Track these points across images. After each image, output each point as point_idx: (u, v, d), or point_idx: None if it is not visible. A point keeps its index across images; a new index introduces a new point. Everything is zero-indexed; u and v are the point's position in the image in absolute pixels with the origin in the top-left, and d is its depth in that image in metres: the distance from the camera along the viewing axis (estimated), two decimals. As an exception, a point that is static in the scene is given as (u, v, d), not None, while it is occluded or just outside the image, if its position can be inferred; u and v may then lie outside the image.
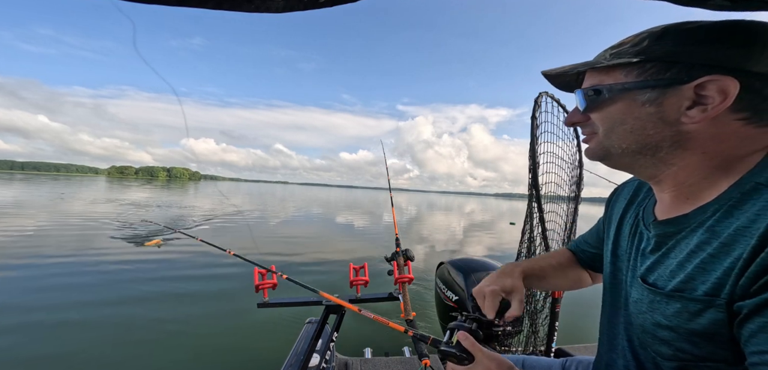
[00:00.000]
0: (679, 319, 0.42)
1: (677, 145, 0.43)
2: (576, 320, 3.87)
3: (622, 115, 0.45)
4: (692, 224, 0.45)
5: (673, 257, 0.46)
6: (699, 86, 0.39)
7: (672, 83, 0.41)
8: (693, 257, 0.42)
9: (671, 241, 0.47)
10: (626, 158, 0.48)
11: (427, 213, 26.37)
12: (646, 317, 0.47)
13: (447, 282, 2.30)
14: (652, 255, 0.50)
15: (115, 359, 2.88)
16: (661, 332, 0.45)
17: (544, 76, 0.56)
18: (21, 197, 18.06)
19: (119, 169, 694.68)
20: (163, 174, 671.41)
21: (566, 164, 1.71)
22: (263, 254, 7.42)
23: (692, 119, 0.40)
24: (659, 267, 0.47)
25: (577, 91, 0.50)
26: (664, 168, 0.46)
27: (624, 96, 0.44)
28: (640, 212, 0.58)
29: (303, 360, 1.27)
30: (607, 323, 0.62)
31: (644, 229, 0.55)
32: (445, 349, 0.59)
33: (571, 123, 0.55)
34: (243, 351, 3.10)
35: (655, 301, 0.46)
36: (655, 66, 0.42)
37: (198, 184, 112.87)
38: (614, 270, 0.61)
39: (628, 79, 0.44)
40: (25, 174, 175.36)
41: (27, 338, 3.17)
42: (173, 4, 0.33)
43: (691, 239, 0.44)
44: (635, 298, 0.50)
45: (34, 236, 7.87)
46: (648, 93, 0.42)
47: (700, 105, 0.40)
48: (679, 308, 0.42)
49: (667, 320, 0.44)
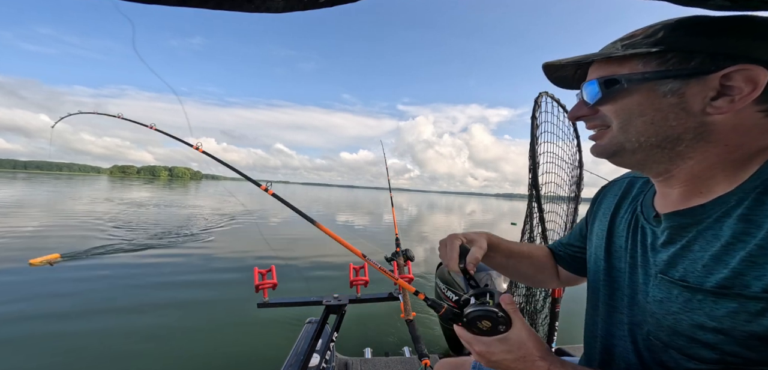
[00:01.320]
0: (734, 320, 0.38)
1: (700, 137, 0.41)
2: (576, 320, 3.86)
3: (641, 107, 0.43)
4: (712, 214, 0.43)
5: (700, 249, 0.43)
6: (725, 76, 0.38)
7: (696, 73, 0.39)
8: (733, 250, 0.39)
9: (689, 232, 0.44)
10: (641, 153, 0.46)
11: (428, 213, 26.37)
12: (680, 318, 0.43)
13: (447, 282, 2.30)
14: (665, 249, 0.47)
15: (115, 360, 2.89)
16: (704, 334, 0.41)
17: (545, 68, 0.54)
18: (30, 196, 18.14)
19: (121, 168, 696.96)
20: (164, 173, 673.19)
21: (566, 164, 1.70)
22: (264, 254, 7.44)
23: (719, 109, 0.39)
24: (683, 261, 0.44)
25: (587, 84, 0.48)
26: (680, 162, 0.44)
27: (643, 86, 0.43)
28: (638, 206, 0.56)
29: (303, 360, 1.28)
30: (602, 324, 0.58)
31: (647, 223, 0.52)
32: (480, 309, 0.52)
33: (575, 117, 0.52)
34: (243, 351, 3.10)
35: (694, 299, 0.42)
36: (676, 56, 0.40)
37: (199, 183, 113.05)
38: (608, 268, 0.58)
39: (647, 69, 0.42)
40: (27, 173, 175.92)
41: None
42: (173, 4, 0.33)
43: (718, 229, 0.41)
44: (659, 296, 0.46)
45: (33, 235, 7.91)
46: (670, 83, 0.41)
47: (726, 95, 0.39)
48: (736, 308, 0.38)
49: (715, 321, 0.40)
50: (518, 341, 0.50)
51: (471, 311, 0.53)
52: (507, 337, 0.51)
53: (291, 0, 0.33)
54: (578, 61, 0.49)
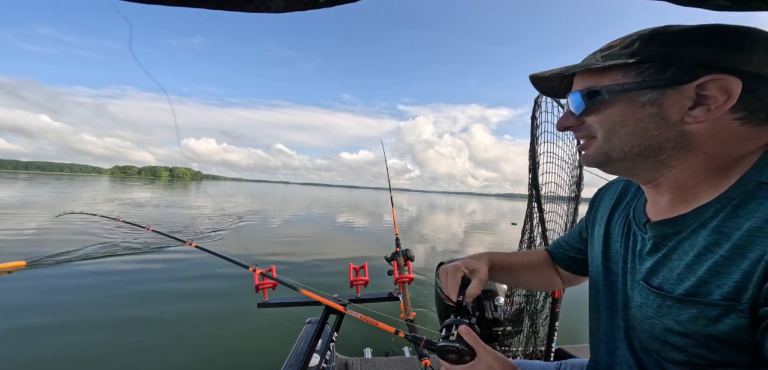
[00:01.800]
0: (695, 324, 0.41)
1: (680, 146, 0.42)
2: (576, 319, 3.86)
3: (622, 117, 0.44)
4: (691, 224, 0.44)
5: (677, 259, 0.44)
6: (700, 86, 0.39)
7: (672, 83, 0.41)
8: (702, 259, 0.41)
9: (670, 242, 0.46)
10: (627, 162, 0.47)
11: (429, 213, 26.37)
12: (655, 323, 0.46)
13: (447, 282, 2.30)
14: (650, 257, 0.49)
15: (115, 361, 2.89)
16: (673, 338, 0.44)
17: (532, 79, 0.55)
18: (34, 196, 18.18)
19: (122, 168, 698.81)
20: (165, 174, 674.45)
21: (566, 164, 1.70)
22: (264, 254, 7.44)
23: (696, 119, 0.40)
24: (662, 270, 0.46)
25: (571, 94, 0.49)
26: (665, 170, 0.46)
27: (623, 97, 0.44)
28: (631, 212, 0.57)
29: (303, 360, 1.28)
30: (604, 327, 0.60)
31: (637, 230, 0.54)
32: (445, 345, 0.57)
33: (563, 127, 0.53)
34: (243, 351, 3.11)
35: (665, 305, 0.44)
36: (652, 66, 0.41)
37: (200, 184, 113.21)
38: (606, 272, 0.60)
39: (626, 80, 0.43)
40: (28, 174, 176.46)
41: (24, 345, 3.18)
42: (173, 4, 0.33)
43: (694, 239, 0.43)
44: (639, 302, 0.49)
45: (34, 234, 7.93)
46: (648, 93, 0.42)
47: (703, 105, 0.40)
48: (695, 314, 0.41)
49: (680, 325, 0.42)
50: (485, 366, 0.54)
51: (440, 346, 0.58)
52: (473, 365, 0.55)
53: (291, 0, 0.33)
54: (561, 72, 0.50)
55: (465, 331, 0.57)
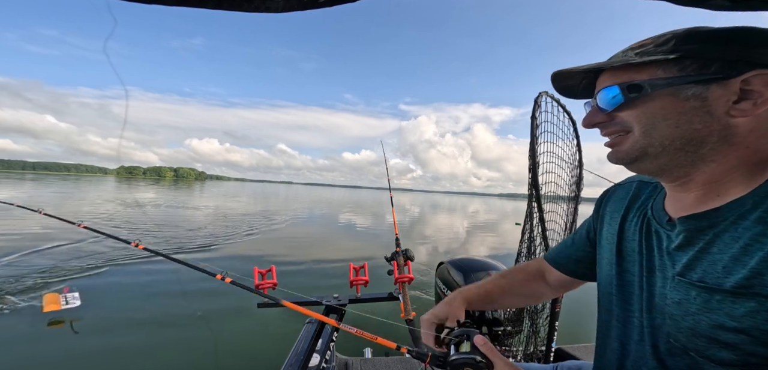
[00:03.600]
0: (755, 319, 0.39)
1: (723, 139, 0.43)
2: (576, 320, 3.83)
3: (665, 111, 0.44)
4: (729, 217, 0.44)
5: (718, 252, 0.43)
6: (745, 81, 0.40)
7: (717, 78, 0.41)
8: (752, 251, 0.40)
9: (706, 235, 0.45)
10: (664, 157, 0.46)
11: (430, 213, 26.32)
12: (700, 319, 0.44)
13: (447, 282, 2.30)
14: (682, 252, 0.48)
15: (114, 361, 2.91)
16: (724, 334, 0.41)
17: (554, 77, 0.54)
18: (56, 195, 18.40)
19: (128, 169, 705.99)
20: (169, 174, 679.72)
21: (566, 164, 1.70)
22: (264, 254, 7.48)
23: (743, 112, 0.41)
24: (701, 264, 0.45)
25: (604, 89, 0.48)
26: (702, 165, 0.45)
27: (666, 91, 0.44)
28: (649, 210, 0.56)
29: (303, 360, 1.28)
30: (617, 329, 0.58)
31: (660, 227, 0.53)
32: (460, 357, 0.54)
33: (591, 124, 0.53)
34: (243, 351, 3.13)
35: (713, 300, 0.43)
36: (694, 62, 0.42)
37: (204, 184, 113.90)
38: (620, 272, 0.58)
39: (668, 75, 0.43)
40: (36, 174, 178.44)
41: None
42: (173, 3, 0.33)
43: (736, 232, 0.42)
44: (677, 298, 0.47)
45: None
46: (693, 88, 0.42)
47: (748, 99, 0.41)
48: (754, 307, 0.39)
49: (735, 320, 0.40)
50: None
51: (454, 359, 0.55)
52: None
53: (291, 0, 0.33)
54: (589, 68, 0.50)
55: (481, 341, 0.55)
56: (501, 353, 0.56)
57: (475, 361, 0.53)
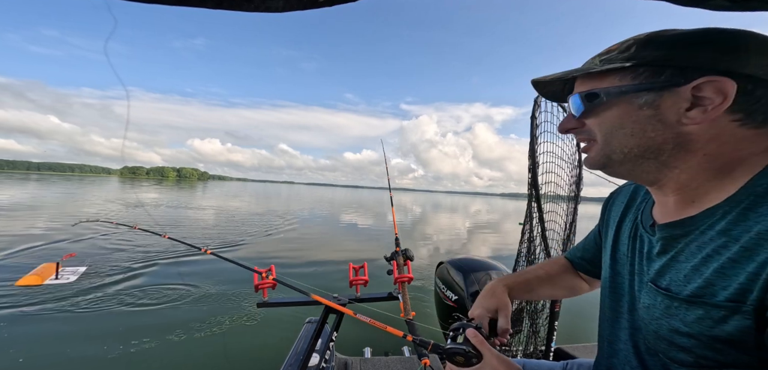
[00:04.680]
0: (700, 325, 0.41)
1: (679, 147, 0.43)
2: (576, 320, 3.82)
3: (620, 120, 0.45)
4: (700, 226, 0.44)
5: (685, 260, 0.45)
6: (696, 88, 0.40)
7: (668, 85, 0.41)
8: (710, 261, 0.41)
9: (679, 244, 0.46)
10: (628, 164, 0.47)
11: (432, 213, 26.29)
12: (662, 323, 0.46)
13: (447, 282, 2.30)
14: (659, 258, 0.49)
15: (114, 362, 2.92)
16: (679, 338, 0.44)
17: (534, 84, 0.56)
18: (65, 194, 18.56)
19: (131, 169, 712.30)
20: (172, 174, 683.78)
21: (566, 164, 1.69)
22: (264, 254, 7.50)
23: (693, 120, 0.41)
24: (670, 271, 0.46)
25: (572, 97, 0.50)
26: (667, 171, 0.46)
27: (621, 100, 0.45)
28: (639, 214, 0.58)
29: (303, 360, 1.28)
30: (608, 328, 0.61)
31: (644, 232, 0.54)
32: (453, 347, 0.59)
33: (565, 130, 0.54)
34: (243, 351, 3.14)
35: (672, 306, 0.45)
36: (647, 70, 0.42)
37: (206, 184, 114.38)
38: (613, 274, 0.61)
39: (623, 83, 0.44)
40: (40, 174, 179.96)
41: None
42: (173, 3, 0.33)
43: (702, 241, 0.43)
44: (647, 303, 0.49)
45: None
46: (645, 96, 0.43)
47: (699, 106, 0.40)
48: (701, 315, 0.41)
49: (687, 326, 0.43)
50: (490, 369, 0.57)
51: (448, 348, 0.61)
52: (480, 368, 0.57)
53: (291, 0, 0.33)
54: (562, 77, 0.51)
55: (472, 334, 0.59)
56: (500, 352, 0.58)
57: (465, 351, 0.58)
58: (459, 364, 0.59)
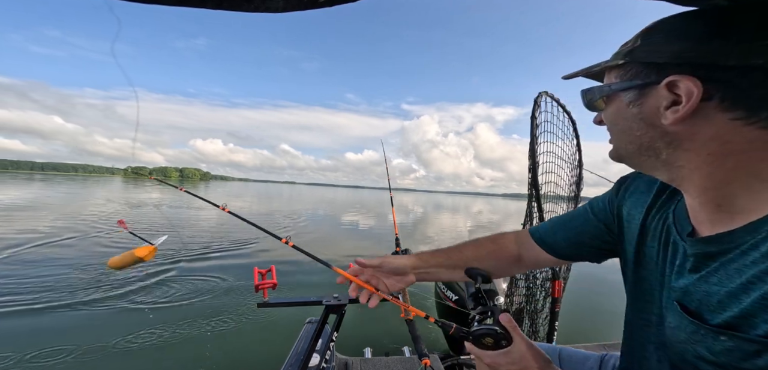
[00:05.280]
0: (729, 357, 0.37)
1: (672, 145, 0.40)
2: (576, 320, 3.80)
3: (614, 117, 0.45)
4: (740, 244, 0.38)
5: (718, 283, 0.39)
6: (671, 85, 0.37)
7: (648, 84, 0.39)
8: (751, 289, 0.35)
9: (714, 262, 0.41)
10: (634, 159, 0.46)
11: (433, 214, 26.25)
12: (687, 348, 0.43)
13: (447, 282, 2.30)
14: (689, 275, 0.44)
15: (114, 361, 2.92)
16: (705, 366, 0.40)
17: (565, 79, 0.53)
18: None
19: (134, 169, 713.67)
20: (175, 174, 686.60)
21: (566, 164, 1.69)
22: (264, 253, 7.51)
23: (669, 120, 0.38)
24: (699, 293, 0.42)
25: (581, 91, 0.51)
26: (674, 170, 0.42)
27: (613, 98, 0.44)
28: (671, 215, 0.51)
29: (303, 360, 1.29)
30: (637, 334, 0.56)
31: (678, 239, 0.48)
32: (482, 328, 0.58)
33: (595, 122, 0.53)
34: (243, 351, 3.14)
35: (699, 333, 0.40)
36: (635, 66, 0.41)
37: (208, 184, 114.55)
38: (638, 279, 0.56)
39: (615, 80, 0.44)
40: (45, 174, 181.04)
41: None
42: (173, 3, 0.33)
43: (742, 263, 0.37)
44: (673, 324, 0.45)
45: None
46: (630, 94, 0.42)
47: (677, 104, 0.37)
48: (731, 347, 0.37)
49: (713, 355, 0.39)
50: (519, 355, 0.56)
51: (476, 330, 0.60)
52: (510, 351, 0.57)
53: (291, 0, 0.33)
54: (583, 73, 0.51)
55: (506, 319, 0.58)
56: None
57: (496, 332, 0.57)
58: (487, 346, 0.58)
